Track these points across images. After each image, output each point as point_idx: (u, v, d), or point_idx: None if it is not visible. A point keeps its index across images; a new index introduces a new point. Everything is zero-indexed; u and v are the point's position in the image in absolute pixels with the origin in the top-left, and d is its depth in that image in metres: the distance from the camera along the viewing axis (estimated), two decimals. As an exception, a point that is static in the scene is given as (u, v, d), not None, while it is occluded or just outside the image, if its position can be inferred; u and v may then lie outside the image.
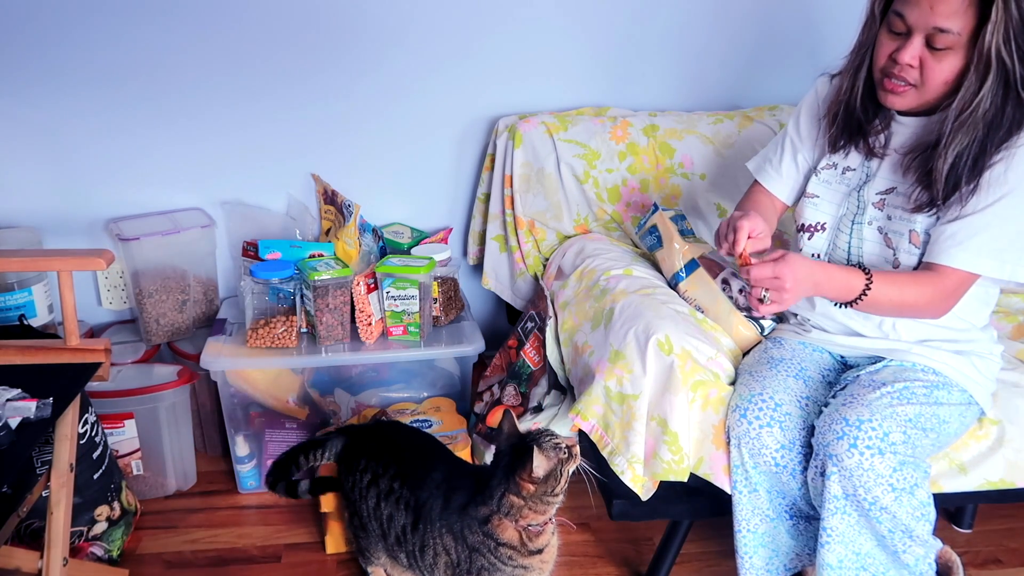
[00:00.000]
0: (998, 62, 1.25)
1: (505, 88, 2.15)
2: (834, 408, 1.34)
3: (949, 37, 1.26)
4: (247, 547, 1.78)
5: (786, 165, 1.59)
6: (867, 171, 1.47)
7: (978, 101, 1.27)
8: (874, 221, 1.45)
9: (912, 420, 1.32)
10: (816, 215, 1.53)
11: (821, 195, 1.53)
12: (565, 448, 1.32)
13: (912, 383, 1.37)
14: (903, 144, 1.42)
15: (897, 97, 1.36)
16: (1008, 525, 1.88)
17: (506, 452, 1.36)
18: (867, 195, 1.46)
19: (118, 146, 2.05)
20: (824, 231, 1.52)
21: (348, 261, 1.96)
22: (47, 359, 1.49)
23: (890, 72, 1.34)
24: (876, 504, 1.28)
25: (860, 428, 1.28)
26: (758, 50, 2.21)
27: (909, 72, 1.32)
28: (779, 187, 1.61)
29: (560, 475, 1.31)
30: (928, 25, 1.27)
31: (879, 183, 1.45)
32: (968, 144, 1.29)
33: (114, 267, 2.09)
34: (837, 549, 1.33)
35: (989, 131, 1.29)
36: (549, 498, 1.32)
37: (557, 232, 2.09)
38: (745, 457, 1.40)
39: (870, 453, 1.27)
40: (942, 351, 1.44)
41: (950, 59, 1.28)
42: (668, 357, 1.45)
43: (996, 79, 1.26)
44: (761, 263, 1.32)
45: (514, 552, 1.35)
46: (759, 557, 1.45)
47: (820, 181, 1.53)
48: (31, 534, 1.61)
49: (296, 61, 2.05)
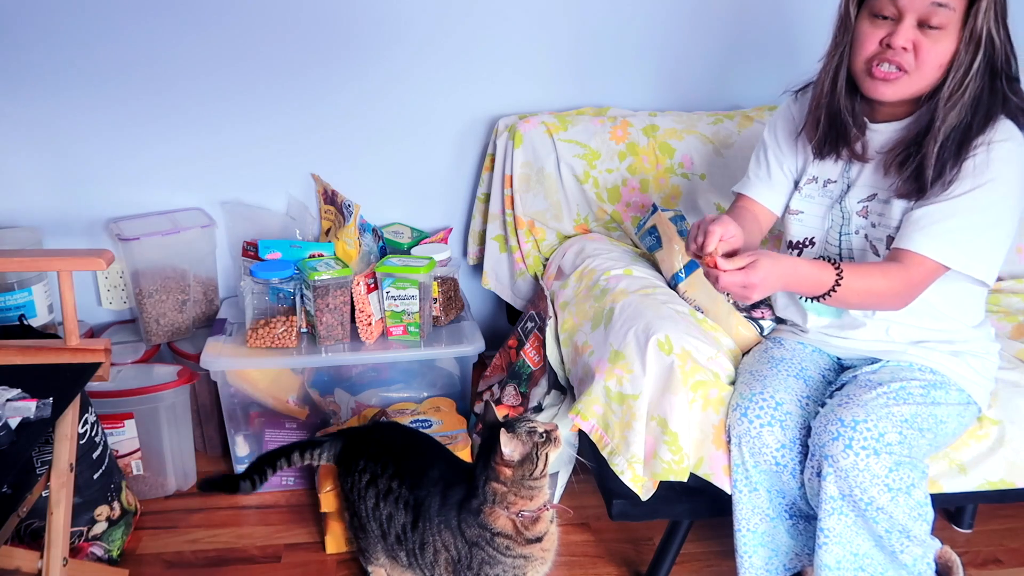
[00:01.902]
0: (988, 41, 1.26)
1: (505, 88, 2.15)
2: (830, 409, 1.34)
3: (945, 13, 1.26)
4: (247, 547, 1.78)
5: (775, 174, 1.57)
6: (847, 180, 1.47)
7: (968, 81, 1.28)
8: (860, 230, 1.45)
9: (908, 420, 1.31)
10: (803, 231, 1.53)
11: (805, 210, 1.52)
12: (542, 432, 1.32)
13: (909, 383, 1.37)
14: (882, 146, 1.42)
15: (888, 85, 1.34)
16: (1008, 525, 1.88)
17: (486, 440, 1.36)
18: (849, 205, 1.46)
19: (118, 146, 2.05)
20: (813, 246, 1.52)
21: (348, 261, 1.96)
22: (47, 359, 1.49)
23: (881, 59, 1.33)
24: (872, 504, 1.28)
25: (855, 429, 1.28)
26: (759, 50, 2.21)
27: (903, 56, 1.31)
28: (768, 196, 1.58)
29: (537, 458, 1.31)
30: (925, 2, 1.27)
31: (859, 191, 1.45)
32: (956, 125, 1.30)
33: (114, 267, 2.09)
34: (835, 550, 1.33)
35: (974, 113, 1.30)
36: (530, 482, 1.32)
37: (557, 232, 2.09)
38: (746, 456, 1.40)
39: (865, 454, 1.27)
40: (937, 352, 1.44)
41: (945, 40, 1.28)
42: (668, 357, 1.45)
43: (983, 60, 1.27)
44: (731, 271, 1.26)
45: (510, 541, 1.35)
46: (759, 557, 1.45)
47: (803, 197, 1.53)
48: (31, 534, 1.61)
49: (296, 61, 2.05)
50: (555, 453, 1.34)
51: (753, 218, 1.58)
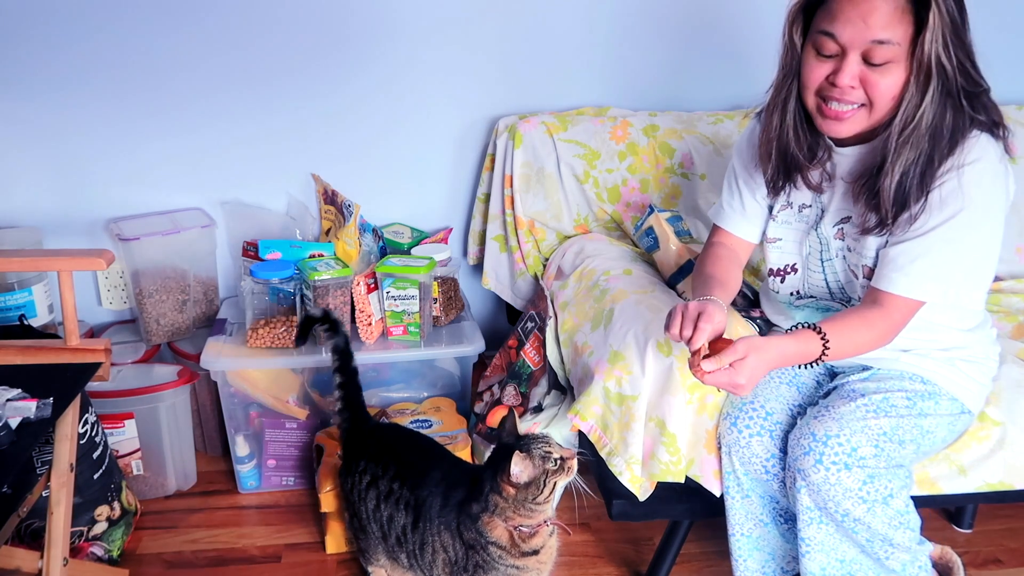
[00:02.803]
0: (939, 69, 1.19)
1: (505, 88, 2.15)
2: (805, 422, 1.32)
3: (889, 49, 1.19)
4: (247, 547, 1.78)
5: (748, 204, 1.51)
6: (821, 205, 1.42)
7: (921, 113, 1.20)
8: (839, 252, 1.41)
9: (887, 433, 1.29)
10: (783, 258, 1.49)
11: (784, 237, 1.48)
12: (556, 459, 1.29)
13: (894, 393, 1.34)
14: (849, 172, 1.35)
15: (842, 124, 1.27)
16: (1008, 525, 1.88)
17: (499, 450, 1.35)
18: (825, 230, 1.41)
19: (118, 146, 2.05)
20: (796, 272, 1.48)
21: (348, 261, 1.96)
22: (47, 359, 1.49)
23: (828, 97, 1.26)
24: (848, 516, 1.27)
25: (827, 444, 1.26)
26: (759, 49, 2.20)
27: (852, 94, 1.24)
28: (744, 228, 1.53)
29: (544, 485, 1.28)
30: (865, 40, 1.20)
31: (833, 215, 1.40)
32: (915, 159, 1.23)
33: (114, 267, 2.09)
34: (818, 558, 1.33)
35: (934, 143, 1.22)
36: (532, 505, 1.30)
37: (557, 232, 2.09)
38: (736, 464, 1.39)
39: (836, 468, 1.25)
40: (930, 359, 1.40)
41: (893, 73, 1.21)
42: (667, 358, 1.45)
43: (937, 88, 1.20)
44: (718, 371, 1.21)
45: (504, 552, 1.34)
46: (754, 560, 1.45)
47: (779, 224, 1.48)
48: (31, 534, 1.61)
49: (296, 61, 2.05)
50: (565, 482, 1.30)
51: (732, 255, 1.53)
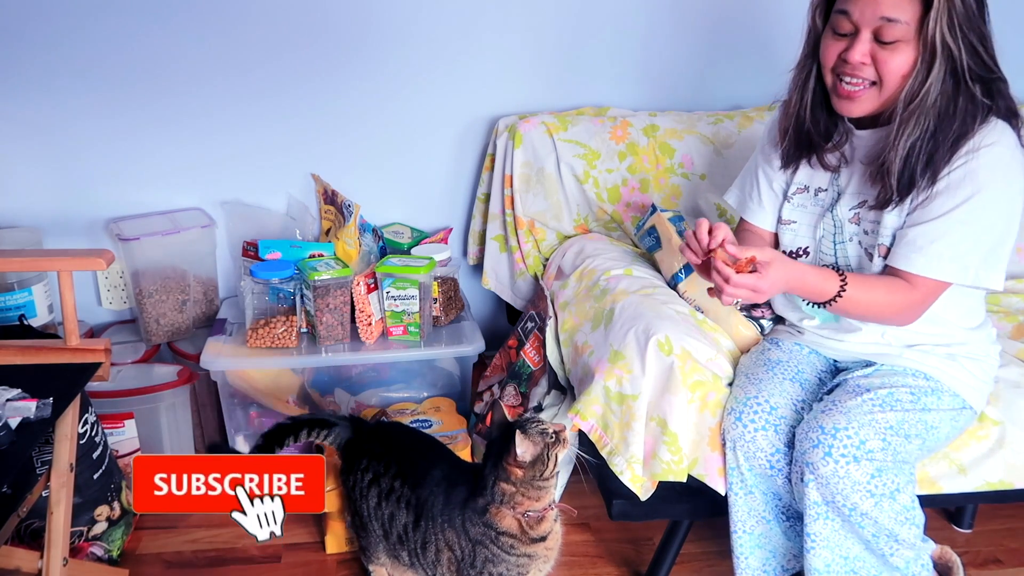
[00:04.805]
0: (943, 49, 1.24)
1: (505, 88, 2.15)
2: (813, 416, 1.34)
3: (898, 27, 1.25)
4: (247, 547, 1.78)
5: (765, 195, 1.57)
6: (837, 188, 1.46)
7: (925, 90, 1.26)
8: (854, 237, 1.44)
9: (894, 427, 1.30)
10: (796, 241, 1.52)
11: (798, 220, 1.52)
12: (552, 432, 1.33)
13: (898, 389, 1.36)
14: (866, 155, 1.40)
15: (854, 103, 1.34)
16: (1008, 525, 1.88)
17: (495, 441, 1.37)
18: (841, 212, 1.45)
19: (118, 146, 2.05)
20: (808, 255, 1.51)
21: (348, 261, 1.96)
22: (47, 359, 1.49)
23: (842, 73, 1.33)
24: (856, 510, 1.28)
25: (835, 436, 1.27)
26: (760, 49, 2.21)
27: (863, 70, 1.30)
28: (764, 219, 1.58)
29: (548, 459, 1.32)
30: (875, 17, 1.26)
31: (850, 198, 1.44)
32: (920, 135, 1.28)
33: (114, 267, 2.09)
34: (823, 554, 1.33)
35: (941, 123, 1.28)
36: (540, 483, 1.33)
37: (557, 232, 2.09)
38: (740, 460, 1.40)
39: (845, 461, 1.26)
40: (933, 356, 1.42)
41: (903, 51, 1.27)
42: (668, 358, 1.45)
43: (942, 68, 1.25)
44: (744, 275, 1.27)
45: (515, 540, 1.36)
46: (755, 558, 1.45)
47: (795, 206, 1.52)
48: (31, 534, 1.61)
49: (296, 61, 2.05)
50: (563, 453, 1.34)
51: (760, 240, 1.59)
